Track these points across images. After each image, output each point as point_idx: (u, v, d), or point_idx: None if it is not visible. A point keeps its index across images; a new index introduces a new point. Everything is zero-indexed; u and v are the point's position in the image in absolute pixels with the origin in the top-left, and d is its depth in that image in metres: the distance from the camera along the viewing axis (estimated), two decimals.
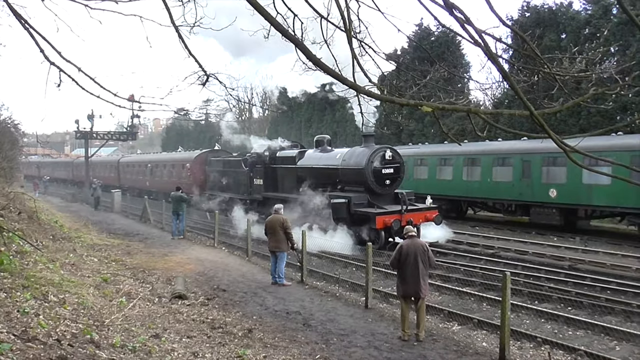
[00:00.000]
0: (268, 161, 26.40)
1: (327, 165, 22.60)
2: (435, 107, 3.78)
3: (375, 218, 19.00)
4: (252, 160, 27.54)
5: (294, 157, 24.75)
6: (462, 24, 4.04)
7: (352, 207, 20.00)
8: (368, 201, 20.41)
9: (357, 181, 21.07)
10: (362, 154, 20.96)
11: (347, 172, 21.39)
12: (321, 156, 23.54)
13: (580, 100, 4.82)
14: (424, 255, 9.56)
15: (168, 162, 42.16)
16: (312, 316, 11.09)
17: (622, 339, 10.40)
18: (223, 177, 30.95)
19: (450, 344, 9.54)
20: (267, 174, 26.18)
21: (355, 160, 21.07)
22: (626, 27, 27.66)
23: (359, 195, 20.55)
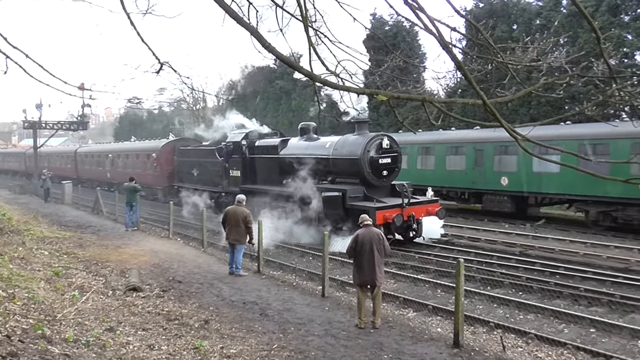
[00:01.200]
0: (246, 151, 24.46)
1: (315, 155, 20.61)
2: (390, 96, 3.79)
3: (375, 213, 17.06)
4: (227, 149, 25.51)
5: (276, 147, 22.78)
6: (416, 12, 4.06)
7: (347, 201, 18.18)
8: (364, 194, 18.60)
9: (351, 172, 19.30)
10: (357, 143, 19.11)
11: (340, 162, 19.68)
12: (308, 145, 21.59)
13: (531, 89, 4.91)
14: (379, 243, 9.64)
15: (132, 151, 39.83)
16: (269, 306, 11.07)
17: (570, 322, 10.73)
18: (194, 168, 28.98)
19: (405, 330, 9.67)
20: (245, 165, 24.41)
21: (349, 150, 19.29)
22: (575, 18, 28.37)
23: (354, 188, 18.67)
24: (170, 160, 32.95)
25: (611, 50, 6.78)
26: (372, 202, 17.87)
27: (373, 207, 17.37)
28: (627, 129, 15.87)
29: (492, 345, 9.30)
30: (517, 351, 9.26)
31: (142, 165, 36.75)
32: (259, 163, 24.05)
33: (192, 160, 29.54)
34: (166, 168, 33.13)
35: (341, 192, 18.33)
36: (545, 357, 9.03)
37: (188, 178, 29.67)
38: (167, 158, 33.36)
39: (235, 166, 24.86)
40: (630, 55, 29.51)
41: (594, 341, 9.85)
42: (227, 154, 25.50)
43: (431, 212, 18.73)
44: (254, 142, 24.56)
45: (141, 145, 40.98)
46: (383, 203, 17.98)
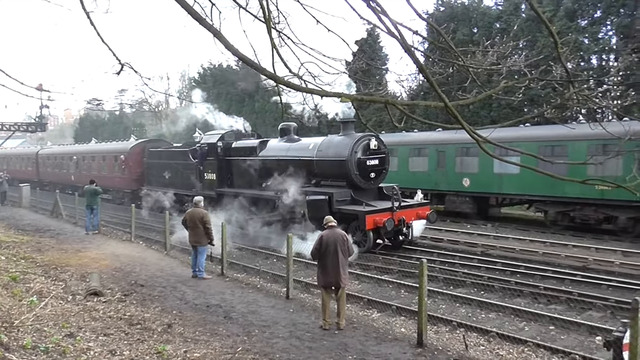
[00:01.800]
0: (222, 152, 23.34)
1: (298, 156, 19.73)
2: (353, 98, 3.82)
3: (365, 217, 16.46)
4: (202, 151, 24.36)
5: (255, 148, 21.77)
6: (379, 15, 4.10)
7: (334, 205, 17.33)
8: (351, 197, 17.85)
9: (337, 175, 18.42)
10: (344, 144, 18.24)
11: (325, 164, 18.74)
12: (289, 146, 20.59)
13: (491, 92, 5.00)
14: (343, 245, 9.68)
15: (98, 153, 38.09)
16: (233, 309, 11.01)
17: (531, 320, 10.95)
18: (165, 171, 27.72)
19: (370, 331, 9.72)
20: (221, 167, 23.33)
21: (335, 151, 18.38)
22: (534, 23, 28.98)
23: (341, 191, 17.88)
24: (140, 162, 31.64)
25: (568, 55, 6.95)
26: (360, 206, 17.21)
27: (363, 211, 16.72)
28: (584, 131, 16.21)
29: (455, 344, 9.42)
30: (480, 349, 9.40)
31: (109, 167, 35.34)
32: (236, 165, 22.96)
33: (164, 162, 28.30)
34: (135, 170, 31.77)
35: (327, 195, 17.54)
36: (506, 355, 9.18)
37: (159, 181, 28.36)
38: (136, 160, 32.00)
39: (211, 168, 23.86)
40: (587, 59, 30.29)
41: (553, 338, 10.07)
42: (201, 155, 24.45)
43: (422, 216, 18.09)
44: (231, 144, 23.50)
45: (108, 147, 39.20)
46: (372, 207, 17.17)
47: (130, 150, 32.85)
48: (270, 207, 20.16)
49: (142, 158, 31.48)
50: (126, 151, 33.25)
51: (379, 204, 17.65)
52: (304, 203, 18.07)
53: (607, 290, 12.93)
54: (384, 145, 18.85)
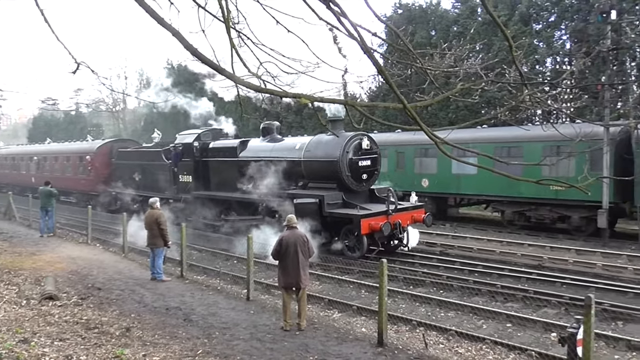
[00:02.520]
0: (199, 153, 22.17)
1: (283, 157, 18.65)
2: (313, 99, 3.83)
3: (360, 221, 15.59)
4: (176, 152, 23.12)
5: (235, 148, 20.64)
6: (339, 17, 4.13)
7: (324, 209, 16.45)
8: (343, 200, 16.92)
9: (327, 176, 17.41)
10: (334, 144, 17.21)
11: (314, 165, 17.78)
12: (273, 147, 19.59)
13: (449, 94, 5.08)
14: (304, 246, 9.69)
15: (61, 154, 36.20)
16: (193, 311, 10.90)
17: (488, 318, 11.14)
18: (136, 172, 26.33)
19: (331, 331, 9.75)
20: (197, 169, 22.15)
21: (325, 151, 17.41)
22: (489, 27, 29.56)
23: (332, 194, 16.89)
24: (107, 163, 30.21)
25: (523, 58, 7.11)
26: (354, 209, 16.31)
27: (357, 214, 15.82)
28: (538, 133, 16.67)
29: (415, 343, 9.52)
30: (439, 348, 9.52)
31: (74, 168, 33.59)
32: (213, 167, 21.85)
33: (134, 163, 26.94)
34: (102, 172, 30.15)
35: (318, 198, 16.57)
36: (465, 353, 9.32)
37: (128, 183, 26.87)
38: (103, 161, 30.49)
39: (186, 170, 22.70)
40: (541, 62, 31.02)
41: (510, 335, 10.27)
42: (175, 156, 23.23)
43: (417, 219, 17.29)
44: (208, 144, 22.29)
45: (72, 147, 37.05)
46: (367, 210, 16.30)
47: (97, 151, 31.33)
48: (251, 211, 19.34)
49: (110, 159, 30.13)
50: (92, 151, 31.68)
51: (371, 207, 16.80)
52: (290, 207, 16.93)
53: (562, 287, 13.26)
54: (376, 145, 18.06)
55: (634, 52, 27.82)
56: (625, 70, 28.32)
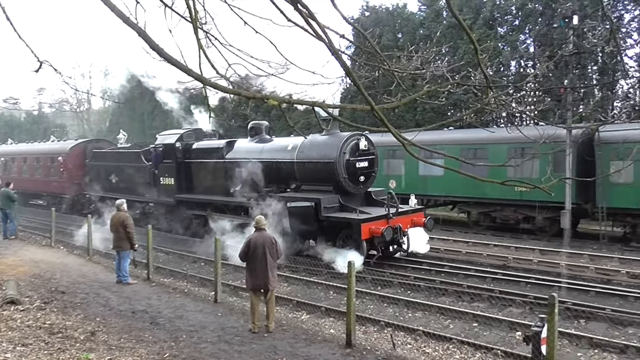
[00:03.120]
0: (181, 154, 21.15)
1: (274, 158, 17.86)
2: (281, 101, 3.83)
3: (361, 226, 14.79)
4: (157, 153, 22.07)
5: (221, 149, 19.67)
6: (307, 19, 4.13)
7: (321, 212, 15.61)
8: (340, 203, 16.11)
9: (322, 178, 16.54)
10: (330, 144, 16.33)
11: (309, 167, 16.94)
12: (262, 148, 18.62)
13: (416, 96, 5.14)
14: (272, 247, 9.66)
15: (31, 154, 34.64)
16: (160, 314, 10.78)
17: (455, 317, 11.27)
18: (112, 174, 25.18)
19: (299, 333, 9.74)
20: (180, 171, 21.12)
21: (320, 152, 16.55)
22: (454, 30, 29.93)
23: (329, 197, 16.04)
24: (81, 164, 28.82)
25: (488, 61, 7.22)
26: (352, 213, 15.54)
27: (357, 219, 15.04)
28: (503, 135, 16.88)
29: (383, 344, 9.57)
30: (407, 348, 9.60)
31: (45, 170, 32.13)
32: (197, 169, 20.86)
33: (111, 165, 25.73)
34: (75, 174, 28.89)
35: (313, 201, 15.74)
36: (432, 352, 9.41)
37: (104, 186, 25.76)
38: (77, 162, 29.05)
39: (168, 172, 21.57)
40: (506, 65, 31.55)
41: (476, 334, 10.41)
42: (156, 158, 22.14)
43: (417, 223, 16.47)
44: (191, 145, 21.31)
45: (43, 147, 35.31)
46: (367, 214, 15.49)
47: (70, 151, 29.78)
48: (238, 215, 18.50)
49: (84, 160, 28.74)
50: (65, 152, 30.14)
51: (369, 210, 16.05)
52: (283, 211, 16.23)
53: (526, 287, 13.50)
54: (373, 146, 17.38)
55: (595, 57, 28.50)
56: (587, 74, 29.02)
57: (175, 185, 21.20)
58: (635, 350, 9.14)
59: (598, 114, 22.65)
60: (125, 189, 23.94)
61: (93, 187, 26.69)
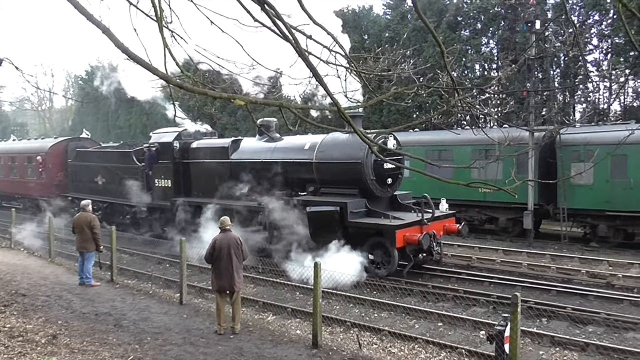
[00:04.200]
0: (179, 154, 19.62)
1: (289, 159, 16.44)
2: (247, 101, 3.82)
3: (395, 233, 13.51)
4: (151, 153, 20.55)
5: (226, 149, 18.24)
6: (274, 19, 4.13)
7: (347, 218, 14.31)
8: (367, 208, 14.86)
9: (346, 180, 15.20)
10: (355, 143, 14.54)
11: (331, 168, 15.49)
12: (274, 147, 17.18)
13: (382, 98, 5.17)
14: (237, 248, 9.62)
15: (6, 154, 32.28)
16: (124, 316, 10.63)
17: (420, 317, 11.38)
18: (98, 176, 23.27)
19: (265, 334, 9.72)
20: (177, 173, 19.56)
21: (344, 152, 15.07)
22: (419, 33, 30.27)
23: (355, 201, 14.75)
24: (61, 164, 27.06)
25: (453, 64, 7.32)
26: (381, 218, 14.31)
27: (392, 225, 13.72)
28: (468, 137, 17.01)
29: (349, 344, 9.61)
30: (373, 348, 9.65)
31: (21, 170, 30.23)
32: (198, 170, 19.33)
33: (96, 165, 23.76)
34: (56, 175, 27.16)
35: (339, 206, 14.43)
36: (398, 352, 9.48)
37: (89, 188, 23.84)
38: (57, 162, 27.24)
39: (164, 174, 19.97)
40: (470, 68, 32.01)
41: (441, 334, 10.52)
42: (150, 158, 20.58)
43: (450, 229, 15.29)
44: (189, 144, 19.81)
45: (19, 146, 33.04)
46: (400, 219, 14.26)
47: (50, 150, 27.78)
48: (247, 220, 16.87)
49: (65, 159, 26.88)
50: (44, 151, 28.16)
51: (402, 216, 14.77)
52: (302, 216, 14.97)
53: (490, 287, 13.70)
54: (400, 146, 15.98)
55: (557, 61, 29.11)
56: (550, 78, 29.62)
57: (172, 187, 19.65)
58: (595, 348, 9.35)
59: (560, 117, 23.15)
60: (114, 192, 22.31)
61: (76, 189, 25.26)
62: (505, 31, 30.34)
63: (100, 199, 22.94)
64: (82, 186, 24.77)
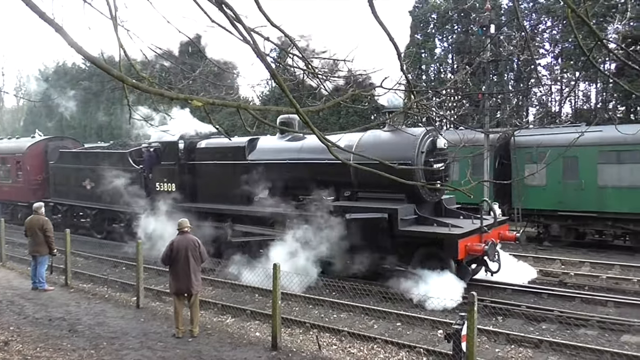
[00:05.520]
0: (185, 155, 17.76)
1: (321, 159, 13.82)
2: (205, 102, 3.79)
3: (458, 242, 11.90)
4: (150, 154, 18.80)
5: (243, 149, 16.20)
6: (232, 21, 4.12)
7: (397, 226, 12.65)
8: (417, 215, 13.24)
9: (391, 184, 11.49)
10: (403, 142, 13.13)
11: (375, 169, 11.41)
12: (301, 146, 15.10)
13: (340, 99, 5.20)
14: (195, 250, 9.54)
15: None
16: (79, 321, 10.42)
17: (379, 318, 11.46)
18: (86, 179, 21.24)
19: (224, 336, 9.66)
20: (183, 176, 17.66)
21: (391, 152, 12.95)
22: None
23: (405, 207, 13.09)
24: (40, 166, 25.00)
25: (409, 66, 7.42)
26: (437, 226, 12.81)
27: (454, 234, 12.09)
28: None
29: (309, 345, 9.63)
30: (332, 349, 9.68)
31: None
32: (206, 173, 17.42)
33: (84, 167, 21.64)
34: (34, 177, 25.01)
35: (387, 212, 12.80)
36: (357, 353, 9.53)
37: (74, 192, 21.89)
38: (36, 163, 25.09)
39: (167, 177, 17.99)
40: (425, 71, 32.49)
41: (400, 334, 10.62)
42: (150, 159, 18.81)
43: (506, 237, 13.78)
44: (195, 144, 17.91)
45: None
46: (459, 227, 12.60)
47: (28, 151, 25.44)
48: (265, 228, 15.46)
49: (46, 161, 24.80)
50: (21, 152, 25.84)
51: (453, 222, 13.08)
52: (338, 224, 13.37)
53: None
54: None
55: (511, 64, 29.77)
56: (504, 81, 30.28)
57: (177, 192, 17.57)
58: (548, 345, 9.58)
59: (514, 119, 23.68)
60: (105, 197, 19.89)
61: (58, 194, 23.19)
62: (459, 35, 30.90)
63: (89, 204, 21.36)
64: (66, 190, 22.75)
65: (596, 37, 3.82)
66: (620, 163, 17.97)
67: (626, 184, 17.78)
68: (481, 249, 12.16)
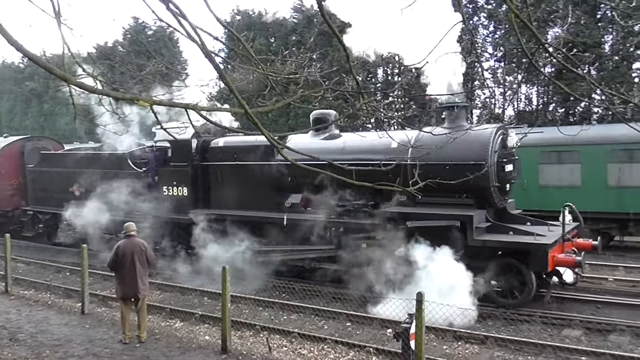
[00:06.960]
0: (199, 155, 15.76)
1: (371, 160, 11.14)
2: (152, 102, 3.73)
3: (548, 253, 10.64)
4: (156, 154, 16.61)
5: (271, 147, 13.21)
6: (178, 18, 4.06)
7: (472, 235, 11.27)
8: (490, 222, 11.89)
9: (458, 188, 10.57)
10: (473, 140, 11.60)
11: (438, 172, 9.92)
12: (343, 145, 13.74)
13: (289, 100, 5.21)
14: (141, 255, 9.38)
15: None
16: (20, 329, 10.09)
17: (329, 318, 11.49)
18: (74, 185, 18.58)
19: (173, 341, 9.52)
20: (197, 179, 15.64)
21: (459, 151, 11.36)
22: (325, 37, 30.71)
23: (478, 213, 11.68)
24: (17, 169, 21.98)
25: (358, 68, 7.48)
26: (514, 234, 11.47)
27: (543, 244, 10.73)
28: None
29: (259, 348, 9.57)
30: (283, 350, 9.65)
31: None
32: (223, 175, 15.33)
33: (72, 171, 18.85)
34: (9, 182, 21.95)
35: (459, 219, 11.36)
36: (308, 354, 9.53)
37: (60, 199, 18.89)
38: (12, 166, 21.99)
39: (176, 180, 15.83)
40: (374, 73, 32.85)
41: (350, 334, 10.68)
42: (156, 160, 16.58)
43: (581, 245, 11.84)
44: (209, 142, 15.86)
45: None
46: (543, 236, 11.17)
47: (2, 153, 22.22)
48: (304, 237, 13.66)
49: (22, 164, 21.91)
50: None
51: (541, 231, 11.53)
52: (397, 233, 11.86)
53: None
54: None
55: None
56: None
57: (190, 196, 15.67)
58: (493, 340, 9.80)
59: None
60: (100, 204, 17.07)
61: (39, 201, 20.59)
62: None
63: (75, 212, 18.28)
64: (50, 197, 19.93)
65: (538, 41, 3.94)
66: (561, 163, 18.55)
67: (566, 183, 18.35)
68: (572, 259, 10.90)
